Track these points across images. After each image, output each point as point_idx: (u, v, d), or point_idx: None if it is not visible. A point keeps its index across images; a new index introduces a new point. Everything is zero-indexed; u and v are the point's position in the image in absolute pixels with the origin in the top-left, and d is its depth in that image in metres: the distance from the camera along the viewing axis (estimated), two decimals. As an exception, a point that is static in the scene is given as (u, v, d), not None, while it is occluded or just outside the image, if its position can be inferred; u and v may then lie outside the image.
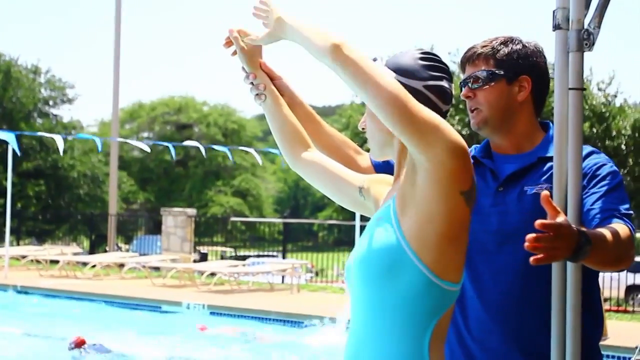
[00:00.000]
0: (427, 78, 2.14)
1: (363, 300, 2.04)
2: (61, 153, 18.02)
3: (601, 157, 2.51)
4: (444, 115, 2.17)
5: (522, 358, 2.49)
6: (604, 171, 2.45)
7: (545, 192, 2.00)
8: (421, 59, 2.17)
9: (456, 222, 1.98)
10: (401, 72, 2.15)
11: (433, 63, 2.17)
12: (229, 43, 2.42)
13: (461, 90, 2.63)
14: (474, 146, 2.78)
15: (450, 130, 1.99)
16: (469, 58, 2.63)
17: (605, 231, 2.21)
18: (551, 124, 2.64)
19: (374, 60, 2.16)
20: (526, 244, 1.88)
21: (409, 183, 2.01)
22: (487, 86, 2.57)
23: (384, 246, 2.00)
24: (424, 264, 1.95)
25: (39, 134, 19.02)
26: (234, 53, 2.43)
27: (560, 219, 1.97)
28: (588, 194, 2.40)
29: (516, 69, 2.57)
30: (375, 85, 1.95)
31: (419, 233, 1.96)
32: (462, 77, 2.66)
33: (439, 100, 2.15)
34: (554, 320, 2.34)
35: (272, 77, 2.47)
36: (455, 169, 1.95)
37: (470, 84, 2.60)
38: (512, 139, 2.61)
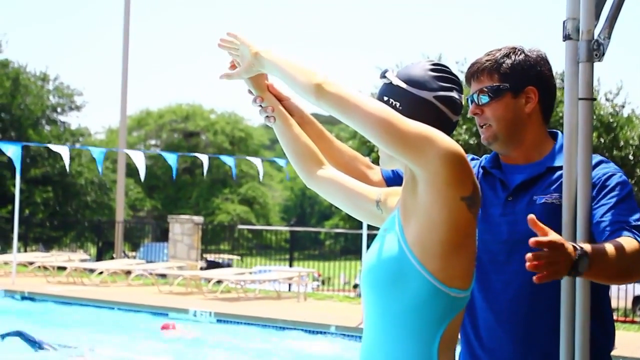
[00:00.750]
0: (437, 89, 2.17)
1: (373, 307, 2.09)
2: (67, 167, 17.96)
3: (610, 167, 2.51)
4: (453, 125, 2.20)
5: None
6: (613, 181, 2.45)
7: (531, 216, 2.01)
8: (431, 70, 2.20)
9: (459, 228, 2.01)
10: (412, 83, 2.18)
11: (443, 74, 2.20)
12: (233, 66, 2.44)
13: (469, 106, 2.63)
14: (484, 156, 2.79)
15: (443, 138, 2.02)
16: (474, 74, 2.63)
17: (607, 245, 2.21)
18: (560, 133, 2.64)
19: (384, 72, 2.23)
20: (527, 264, 1.91)
21: (410, 193, 2.06)
22: (494, 102, 2.57)
23: (389, 256, 2.05)
24: (428, 272, 1.99)
25: (45, 145, 19.04)
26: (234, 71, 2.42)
27: (552, 236, 1.98)
28: (597, 205, 2.39)
29: (521, 81, 2.57)
30: (360, 115, 2.02)
31: (422, 242, 2.01)
32: (470, 91, 2.66)
33: (449, 110, 2.18)
34: (563, 329, 2.34)
35: (280, 99, 2.49)
36: (453, 176, 1.99)
37: (477, 101, 2.60)
38: (521, 150, 2.61)
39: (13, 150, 16.09)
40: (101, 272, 18.74)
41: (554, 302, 2.38)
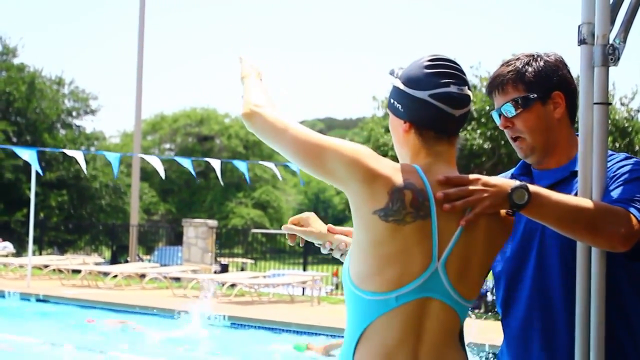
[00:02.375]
0: (433, 86, 2.16)
1: None
2: (84, 170, 18.05)
3: (630, 161, 2.49)
4: (458, 119, 2.19)
5: None
6: (624, 169, 2.44)
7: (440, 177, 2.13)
8: (427, 67, 2.19)
9: (375, 238, 2.07)
10: (408, 83, 2.19)
11: (439, 70, 2.18)
12: (292, 238, 2.69)
13: (499, 118, 2.59)
14: (516, 166, 2.76)
15: (357, 155, 2.09)
16: (497, 86, 2.59)
17: (567, 195, 2.26)
18: None
19: (391, 72, 2.26)
20: (444, 206, 2.07)
21: None
22: (524, 112, 2.54)
23: (346, 259, 2.21)
24: (349, 275, 2.14)
25: (59, 150, 19.12)
26: (299, 244, 2.69)
27: (474, 175, 2.11)
28: (606, 193, 2.38)
29: (547, 87, 2.54)
30: (280, 144, 2.20)
31: (350, 251, 2.16)
32: (495, 104, 2.63)
33: (447, 106, 2.16)
34: (578, 330, 2.34)
35: (344, 234, 2.60)
36: (363, 192, 2.08)
37: (505, 114, 2.57)
38: (555, 157, 2.58)
39: (29, 155, 16.18)
40: (115, 276, 18.80)
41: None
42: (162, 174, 17.80)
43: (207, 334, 12.57)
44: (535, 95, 2.53)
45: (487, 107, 17.57)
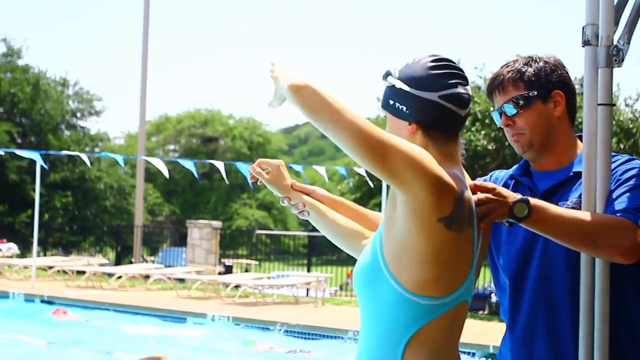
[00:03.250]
0: (442, 87, 2.15)
1: (360, 307, 2.21)
2: (88, 164, 18.05)
3: (633, 163, 2.50)
4: (463, 119, 2.20)
5: None
6: (629, 174, 2.44)
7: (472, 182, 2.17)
8: (432, 67, 2.17)
9: (437, 246, 2.04)
10: (415, 84, 2.16)
11: (446, 70, 2.17)
12: (253, 177, 2.59)
13: (499, 117, 2.61)
14: (513, 167, 2.77)
15: (424, 162, 2.02)
16: (498, 86, 2.61)
17: (568, 210, 2.31)
18: None
19: (387, 74, 2.22)
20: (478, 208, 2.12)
21: (392, 206, 2.09)
22: (525, 111, 2.56)
23: (369, 262, 2.14)
24: (398, 282, 2.07)
25: (63, 152, 19.19)
26: (257, 182, 2.61)
27: (492, 185, 2.17)
28: (611, 198, 2.39)
29: (547, 86, 2.56)
30: (337, 123, 2.00)
31: (396, 256, 2.07)
32: (495, 105, 2.64)
33: (456, 107, 2.16)
34: (583, 334, 2.35)
35: (306, 193, 2.58)
36: (431, 199, 2.01)
37: (506, 112, 2.59)
38: (553, 155, 2.60)
39: (35, 157, 16.20)
40: (120, 277, 18.81)
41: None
42: (166, 173, 17.79)
43: (211, 335, 12.57)
44: (536, 94, 2.55)
45: (491, 108, 17.57)
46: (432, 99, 2.15)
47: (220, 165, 18.60)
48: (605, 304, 2.33)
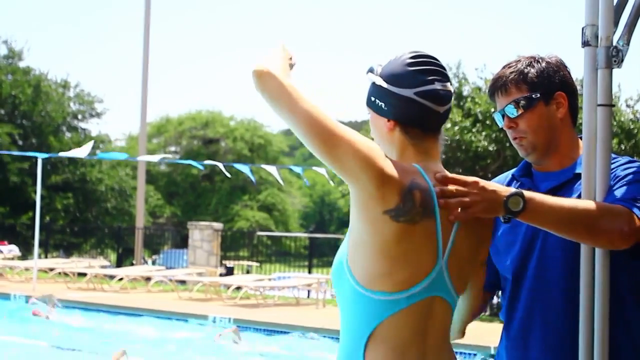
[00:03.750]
0: (418, 84, 2.16)
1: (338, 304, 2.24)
2: (89, 149, 17.70)
3: (633, 164, 2.50)
4: (442, 116, 2.20)
5: None
6: (628, 171, 2.45)
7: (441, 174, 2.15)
8: (410, 64, 2.18)
9: (385, 239, 2.06)
10: (392, 81, 2.18)
11: (423, 67, 2.18)
12: None
13: (501, 119, 2.60)
14: (516, 168, 2.77)
15: (370, 152, 2.06)
16: (500, 87, 2.60)
17: (563, 198, 2.28)
18: None
19: (370, 70, 2.24)
20: (439, 200, 2.10)
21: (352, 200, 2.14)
22: (527, 112, 2.55)
23: (337, 259, 2.19)
24: (353, 276, 2.10)
25: (63, 154, 19.11)
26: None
27: (472, 178, 2.12)
28: (609, 194, 2.39)
29: (549, 87, 2.55)
30: (290, 115, 2.06)
31: (353, 251, 2.11)
32: (497, 106, 2.64)
33: (432, 103, 2.17)
34: (583, 334, 2.34)
35: None
36: (375, 191, 2.05)
37: (509, 114, 2.58)
38: (556, 158, 2.59)
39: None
40: (121, 279, 18.82)
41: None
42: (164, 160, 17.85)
43: (212, 336, 12.57)
44: (539, 95, 2.54)
45: (492, 109, 17.56)
46: (408, 96, 2.16)
47: (220, 165, 18.63)
48: (605, 305, 2.33)
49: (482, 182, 2.15)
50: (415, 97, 2.15)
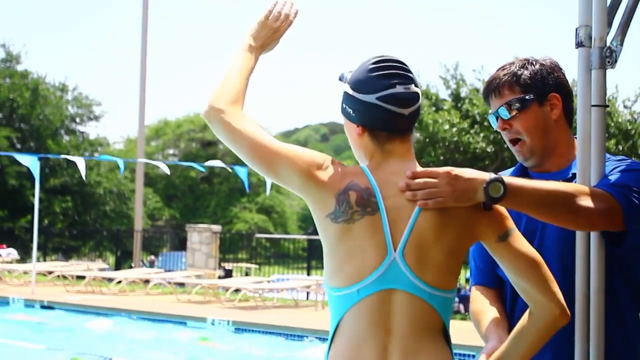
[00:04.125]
0: (380, 89, 2.19)
1: None
2: (84, 177, 17.89)
3: (627, 161, 2.51)
4: (408, 118, 2.22)
5: None
6: (618, 164, 2.47)
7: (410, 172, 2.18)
8: (372, 69, 2.22)
9: (331, 239, 2.18)
10: (356, 87, 2.24)
11: (384, 72, 2.21)
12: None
13: (496, 121, 2.62)
14: (512, 168, 2.78)
15: (305, 166, 2.20)
16: (493, 90, 2.62)
17: (543, 181, 2.28)
18: None
19: (340, 77, 2.32)
20: (406, 194, 2.14)
21: None
22: (521, 114, 2.56)
23: None
24: (324, 276, 2.25)
25: (62, 156, 19.12)
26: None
27: (444, 168, 2.14)
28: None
29: (543, 89, 2.56)
30: (235, 146, 2.27)
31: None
32: (491, 108, 2.65)
33: (395, 106, 2.20)
34: (578, 331, 2.35)
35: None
36: (315, 199, 2.21)
37: (503, 116, 2.59)
38: (553, 159, 2.60)
39: (30, 161, 16.17)
40: (120, 281, 18.81)
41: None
42: (167, 170, 17.94)
43: (211, 339, 12.57)
44: (532, 97, 2.56)
45: (490, 111, 17.60)
46: (371, 101, 2.20)
47: (220, 164, 18.65)
48: (600, 302, 2.33)
49: (456, 171, 2.15)
50: (377, 102, 2.20)
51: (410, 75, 2.24)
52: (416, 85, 2.24)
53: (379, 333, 2.12)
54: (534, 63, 2.61)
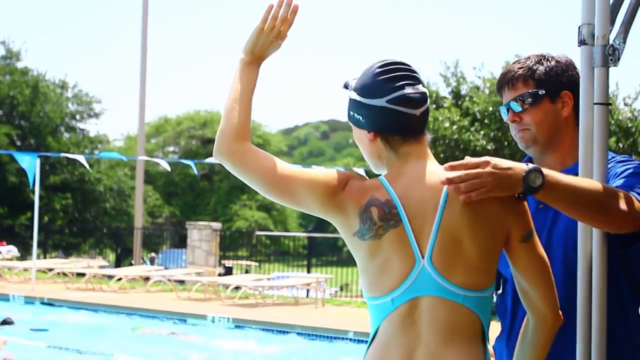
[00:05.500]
0: (388, 92, 2.19)
1: None
2: (88, 169, 17.77)
3: (631, 162, 2.54)
4: (420, 118, 2.21)
5: None
6: (626, 166, 2.49)
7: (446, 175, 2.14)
8: (378, 74, 2.22)
9: (361, 255, 2.20)
10: (364, 93, 2.23)
11: (392, 74, 2.21)
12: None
13: (506, 113, 2.64)
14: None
15: (322, 189, 2.20)
16: (508, 82, 2.64)
17: (576, 177, 2.27)
18: None
19: (345, 85, 2.31)
20: (447, 187, 2.13)
21: None
22: (532, 108, 2.59)
23: None
24: (361, 285, 2.28)
25: (62, 154, 19.12)
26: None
27: (483, 158, 2.12)
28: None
29: (556, 86, 2.59)
30: (248, 179, 2.29)
31: None
32: (503, 99, 2.66)
33: (406, 108, 2.20)
34: (580, 324, 2.35)
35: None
36: (340, 221, 2.21)
37: (514, 109, 2.61)
38: (558, 156, 2.62)
39: (28, 162, 16.03)
40: (120, 279, 18.81)
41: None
42: (167, 167, 17.97)
43: (211, 336, 12.58)
44: (545, 92, 2.58)
45: (490, 108, 17.58)
46: (381, 105, 2.20)
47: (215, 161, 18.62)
48: (602, 302, 2.33)
49: (495, 161, 2.13)
50: (388, 105, 2.19)
51: (416, 75, 2.24)
52: (423, 86, 2.25)
53: (407, 338, 2.15)
54: (550, 59, 2.64)
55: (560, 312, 2.25)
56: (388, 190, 2.18)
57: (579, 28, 2.40)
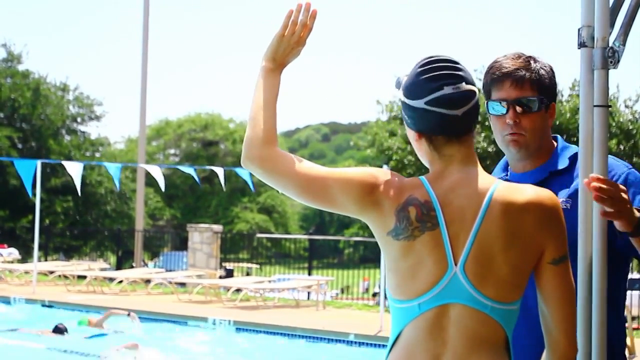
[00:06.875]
0: (427, 92, 2.15)
1: None
2: (77, 188, 17.40)
3: (621, 165, 2.63)
4: (461, 118, 2.16)
5: None
6: (631, 179, 2.58)
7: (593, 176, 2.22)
8: (419, 73, 2.19)
9: (393, 256, 2.16)
10: (407, 94, 2.21)
11: (431, 74, 2.17)
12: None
13: (504, 109, 2.66)
14: (496, 169, 2.84)
15: (358, 188, 2.16)
16: (515, 79, 2.64)
17: None
18: (559, 137, 2.75)
19: (397, 84, 2.27)
20: (593, 184, 2.17)
21: None
22: (533, 113, 2.64)
23: None
24: (387, 288, 2.23)
25: (62, 162, 19.08)
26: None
27: (622, 187, 2.18)
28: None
29: (551, 96, 2.68)
30: (281, 186, 2.25)
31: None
32: (497, 92, 2.68)
33: (445, 109, 2.15)
34: (581, 317, 2.35)
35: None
36: (375, 218, 2.17)
37: (517, 110, 2.64)
38: (534, 160, 2.70)
39: (26, 169, 15.89)
40: (121, 281, 18.81)
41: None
42: (162, 185, 17.84)
43: (212, 339, 12.57)
44: (546, 101, 2.66)
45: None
46: (421, 107, 2.17)
47: (219, 171, 18.56)
48: (602, 304, 2.33)
49: (623, 192, 2.22)
50: (427, 106, 2.16)
51: (459, 73, 2.19)
52: (468, 83, 2.19)
53: (434, 344, 2.11)
54: (546, 67, 2.69)
55: (576, 344, 2.20)
56: (428, 191, 2.15)
57: (579, 30, 2.40)
